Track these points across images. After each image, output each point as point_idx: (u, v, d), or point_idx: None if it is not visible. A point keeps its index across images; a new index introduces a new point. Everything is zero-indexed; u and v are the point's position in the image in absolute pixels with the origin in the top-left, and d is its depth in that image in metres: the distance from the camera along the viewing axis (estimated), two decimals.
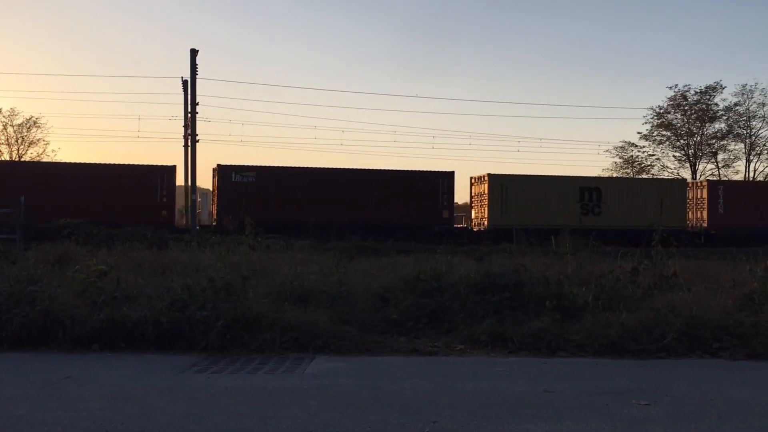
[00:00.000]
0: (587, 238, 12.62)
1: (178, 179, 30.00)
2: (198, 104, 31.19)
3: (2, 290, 8.09)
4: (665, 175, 50.22)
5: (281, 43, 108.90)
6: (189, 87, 31.31)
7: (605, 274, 9.75)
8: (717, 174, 51.29)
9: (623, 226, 29.51)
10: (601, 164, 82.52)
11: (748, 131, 51.18)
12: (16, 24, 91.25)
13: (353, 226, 25.82)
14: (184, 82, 32.51)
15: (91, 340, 7.48)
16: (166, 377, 6.41)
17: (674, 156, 52.52)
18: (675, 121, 51.91)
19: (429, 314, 8.61)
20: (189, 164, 30.45)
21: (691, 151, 52.00)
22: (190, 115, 31.47)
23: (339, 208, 29.29)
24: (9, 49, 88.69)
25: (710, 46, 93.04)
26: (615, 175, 50.31)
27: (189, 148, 31.14)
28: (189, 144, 31.23)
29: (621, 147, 52.46)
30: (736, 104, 50.38)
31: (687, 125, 51.71)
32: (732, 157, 51.94)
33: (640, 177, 45.72)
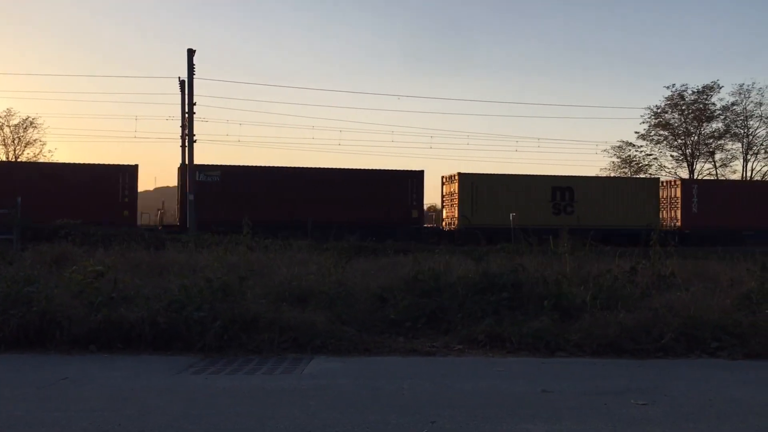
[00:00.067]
0: (559, 237, 12.42)
1: (140, 179, 29.51)
2: (195, 104, 31.16)
3: None
4: (663, 174, 50.29)
5: (279, 43, 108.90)
6: (186, 87, 31.26)
7: (603, 273, 9.75)
8: (715, 174, 51.45)
9: (595, 226, 29.05)
10: (599, 164, 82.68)
11: (746, 131, 51.34)
12: (14, 24, 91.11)
13: (319, 226, 24.69)
14: (182, 82, 32.49)
15: (89, 341, 7.46)
16: (164, 378, 6.39)
17: (672, 156, 52.64)
18: (672, 121, 51.95)
19: (427, 314, 8.61)
20: (188, 164, 30.37)
21: (689, 151, 52.06)
22: (187, 115, 31.42)
23: (305, 207, 28.69)
24: (6, 50, 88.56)
25: (707, 45, 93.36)
26: (613, 174, 50.36)
27: (186, 149, 31.08)
28: (186, 144, 31.17)
29: (619, 147, 52.51)
30: (733, 104, 50.55)
31: (684, 125, 51.77)
32: (729, 156, 52.13)
33: (613, 176, 44.98)
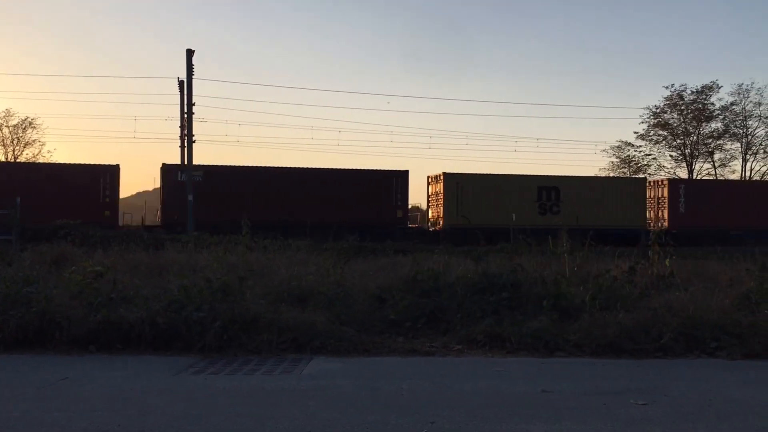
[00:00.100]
0: (545, 237, 12.40)
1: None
2: (194, 105, 31.23)
3: None
4: (662, 174, 50.32)
5: (279, 43, 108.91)
6: (185, 87, 31.31)
7: (602, 273, 9.75)
8: (714, 173, 51.46)
9: (582, 226, 28.78)
10: (599, 164, 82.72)
11: (745, 131, 51.38)
12: (14, 24, 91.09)
13: (301, 226, 24.01)
14: (181, 83, 32.54)
15: (88, 342, 7.46)
16: (164, 378, 6.39)
17: (671, 156, 52.67)
18: (671, 121, 51.98)
19: (427, 314, 8.60)
20: (187, 164, 30.37)
21: (688, 151, 52.09)
22: (186, 115, 31.46)
23: (288, 207, 28.55)
24: (6, 50, 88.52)
25: (707, 46, 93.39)
26: (612, 174, 50.36)
27: (186, 149, 31.09)
28: (186, 144, 31.17)
29: (618, 147, 52.57)
30: (732, 104, 50.61)
31: (683, 125, 51.80)
32: (728, 156, 52.16)
33: (601, 176, 44.61)
